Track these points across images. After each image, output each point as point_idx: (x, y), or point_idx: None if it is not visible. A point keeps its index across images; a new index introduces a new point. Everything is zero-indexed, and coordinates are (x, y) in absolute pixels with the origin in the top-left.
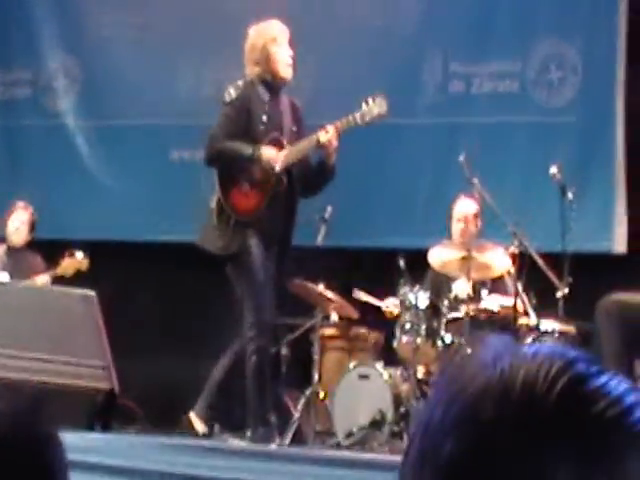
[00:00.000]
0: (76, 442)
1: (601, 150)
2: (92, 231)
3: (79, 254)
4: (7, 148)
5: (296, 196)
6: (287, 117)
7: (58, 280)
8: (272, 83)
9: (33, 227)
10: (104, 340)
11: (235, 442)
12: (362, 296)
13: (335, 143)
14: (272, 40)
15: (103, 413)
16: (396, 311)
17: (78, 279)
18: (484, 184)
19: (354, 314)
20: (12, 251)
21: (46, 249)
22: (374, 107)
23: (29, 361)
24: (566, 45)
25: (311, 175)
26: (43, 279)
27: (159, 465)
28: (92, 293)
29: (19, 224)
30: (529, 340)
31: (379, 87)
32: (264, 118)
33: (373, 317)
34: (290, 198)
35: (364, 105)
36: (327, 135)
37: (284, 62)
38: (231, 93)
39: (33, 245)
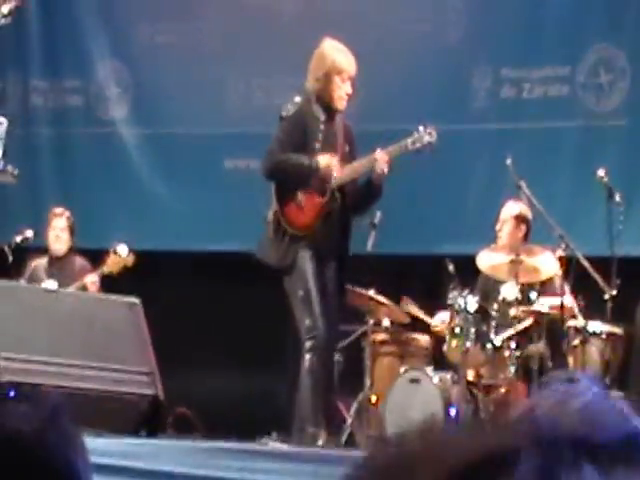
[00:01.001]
0: (123, 449)
1: None
2: (143, 240)
3: (123, 249)
4: (58, 157)
5: (349, 214)
6: (340, 137)
7: (107, 280)
8: (329, 105)
9: (73, 232)
10: (149, 347)
11: (277, 445)
12: (411, 309)
13: (387, 170)
14: (338, 72)
15: (149, 419)
16: (444, 328)
17: (129, 287)
18: (533, 188)
19: (405, 319)
20: (55, 260)
21: (95, 258)
22: (424, 135)
23: (75, 368)
24: (615, 49)
25: (359, 195)
26: (92, 279)
27: (199, 469)
28: (137, 300)
29: (58, 232)
30: (577, 341)
31: (430, 94)
32: (320, 136)
33: (424, 322)
34: (344, 215)
35: (415, 132)
36: (382, 165)
37: (340, 96)
38: (288, 108)
39: (78, 251)
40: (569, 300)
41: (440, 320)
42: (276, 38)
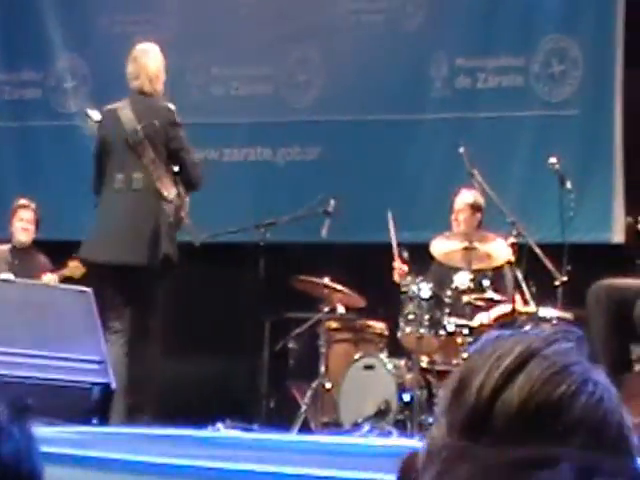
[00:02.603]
0: (74, 437)
1: (601, 143)
2: None
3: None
4: (17, 149)
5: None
6: None
7: (67, 281)
8: None
9: (38, 225)
10: (100, 335)
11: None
12: (391, 226)
13: None
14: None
15: (100, 407)
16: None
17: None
18: (488, 176)
19: (361, 303)
20: (17, 251)
21: (52, 250)
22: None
23: (25, 357)
24: (568, 40)
25: None
26: (50, 279)
27: (150, 457)
28: (89, 289)
29: (25, 223)
30: (528, 327)
31: (387, 84)
32: None
33: (379, 307)
34: None
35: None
36: None
37: None
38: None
39: (38, 244)
40: (520, 286)
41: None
42: (234, 28)
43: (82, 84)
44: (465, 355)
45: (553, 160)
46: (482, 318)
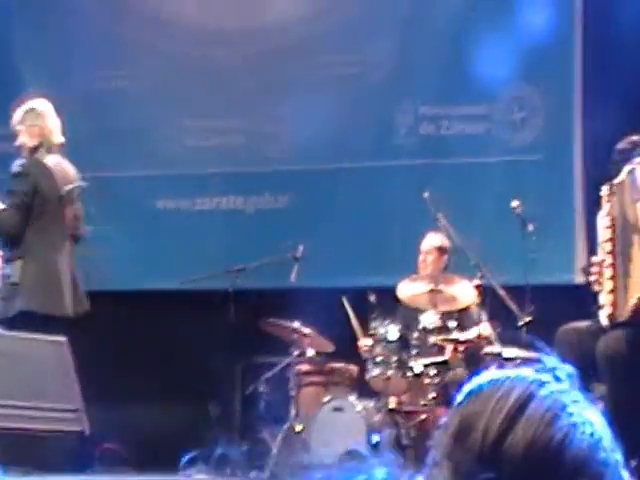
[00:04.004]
0: None
1: (562, 187)
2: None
3: None
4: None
5: None
6: None
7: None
8: None
9: None
10: (75, 384)
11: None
12: (349, 310)
13: None
14: None
15: (76, 455)
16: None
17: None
18: (453, 220)
19: (330, 347)
20: None
21: None
22: None
23: (2, 408)
24: (528, 88)
25: None
26: None
27: None
28: (63, 339)
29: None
30: (493, 367)
31: (355, 132)
32: None
33: (348, 350)
34: None
35: None
36: None
37: None
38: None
39: None
40: (486, 328)
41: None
42: (205, 83)
43: None
44: (432, 395)
45: (515, 204)
46: (449, 350)
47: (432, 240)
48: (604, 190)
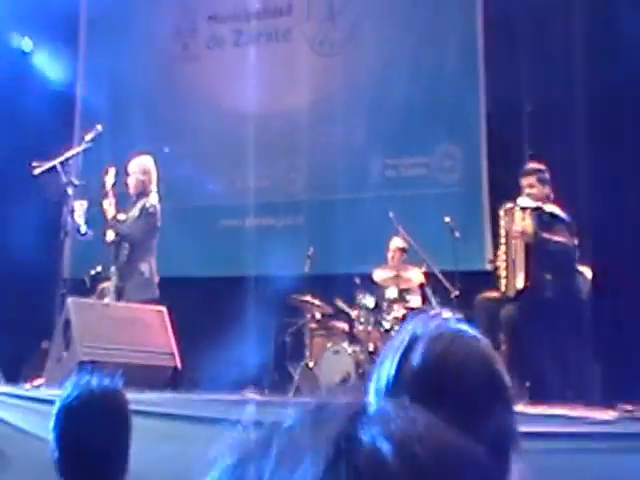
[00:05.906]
0: (154, 399)
1: (475, 208)
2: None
3: None
4: None
5: None
6: None
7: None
8: None
9: None
10: (171, 337)
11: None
12: (340, 304)
13: None
14: None
15: (171, 381)
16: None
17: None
18: (408, 229)
19: (330, 311)
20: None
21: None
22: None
23: (124, 351)
24: (454, 146)
25: None
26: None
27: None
28: (163, 308)
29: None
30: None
31: (342, 175)
32: None
33: (343, 315)
34: None
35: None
36: None
37: None
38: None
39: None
40: (430, 296)
41: (355, 314)
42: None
43: None
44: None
45: (447, 219)
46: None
47: (396, 243)
48: (501, 211)
